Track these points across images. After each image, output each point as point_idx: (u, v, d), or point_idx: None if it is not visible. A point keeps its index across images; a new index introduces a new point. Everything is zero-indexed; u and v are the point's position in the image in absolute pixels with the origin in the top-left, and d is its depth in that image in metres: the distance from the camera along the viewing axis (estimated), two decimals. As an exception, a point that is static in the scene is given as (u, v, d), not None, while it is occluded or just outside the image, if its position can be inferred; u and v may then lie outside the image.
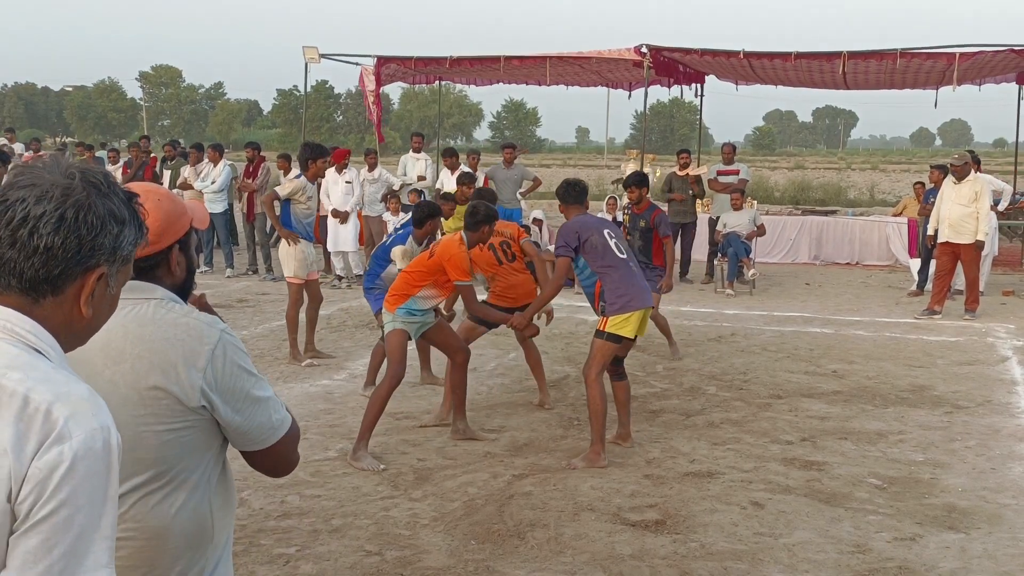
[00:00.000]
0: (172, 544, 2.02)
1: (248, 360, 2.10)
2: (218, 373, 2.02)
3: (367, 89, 16.67)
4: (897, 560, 4.69)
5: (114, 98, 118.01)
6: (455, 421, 6.59)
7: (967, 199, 11.26)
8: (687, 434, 6.72)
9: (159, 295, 2.09)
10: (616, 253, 6.20)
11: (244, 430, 2.07)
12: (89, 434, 1.39)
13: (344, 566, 4.54)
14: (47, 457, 1.36)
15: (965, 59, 13.40)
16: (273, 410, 2.11)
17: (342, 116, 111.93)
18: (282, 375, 8.28)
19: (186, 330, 2.03)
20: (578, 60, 15.66)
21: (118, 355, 2.02)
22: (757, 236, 13.61)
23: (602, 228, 6.29)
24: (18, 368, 1.43)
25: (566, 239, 6.22)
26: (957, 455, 6.36)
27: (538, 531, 4.96)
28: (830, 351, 9.53)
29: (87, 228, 1.50)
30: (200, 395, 2.00)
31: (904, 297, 12.93)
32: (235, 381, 2.04)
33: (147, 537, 2.00)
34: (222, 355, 2.03)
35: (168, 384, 1.99)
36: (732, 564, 4.61)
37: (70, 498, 1.35)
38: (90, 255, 1.51)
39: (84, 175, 1.53)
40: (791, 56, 14.29)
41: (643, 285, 6.29)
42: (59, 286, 1.51)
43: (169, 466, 2.02)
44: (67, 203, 1.49)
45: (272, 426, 2.11)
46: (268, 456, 2.14)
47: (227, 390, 2.03)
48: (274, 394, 2.15)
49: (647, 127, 17.66)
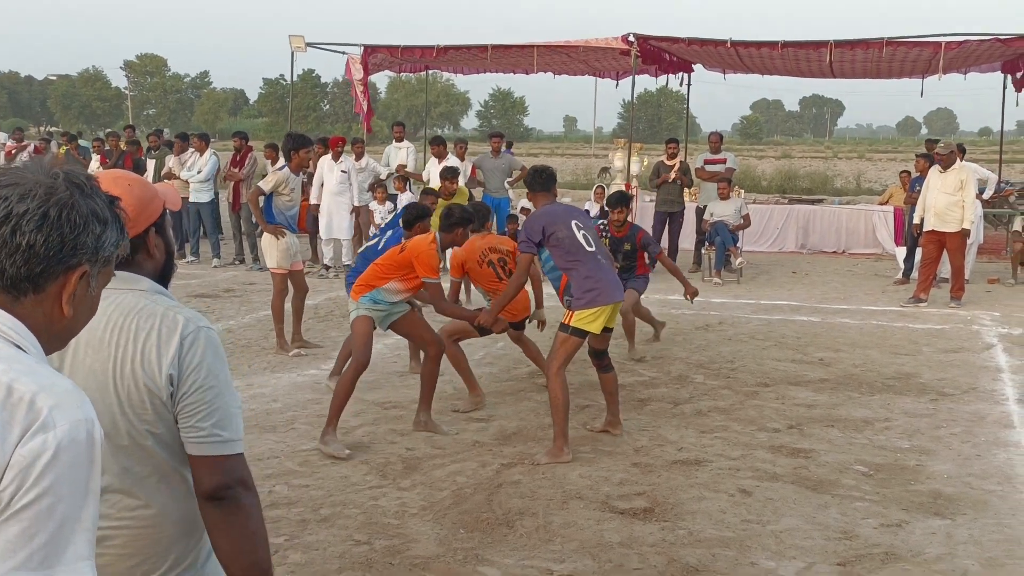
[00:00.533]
0: (166, 533, 2.03)
1: (223, 365, 2.05)
2: (185, 363, 1.99)
3: (355, 79, 16.61)
4: (883, 546, 4.72)
5: (99, 87, 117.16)
6: (419, 412, 6.54)
7: (953, 188, 11.31)
8: (675, 422, 6.75)
9: (144, 286, 2.09)
10: (584, 246, 6.03)
11: (191, 424, 1.99)
12: (73, 424, 1.39)
13: (333, 555, 4.55)
14: (31, 445, 1.35)
15: (951, 48, 13.44)
16: (230, 422, 2.02)
17: (329, 105, 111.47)
18: (269, 365, 8.27)
19: (164, 321, 2.02)
20: (565, 49, 15.63)
21: (99, 344, 2.02)
22: (742, 228, 13.64)
23: (570, 219, 6.12)
24: (1, 360, 1.43)
25: (529, 233, 6.07)
26: (943, 442, 6.40)
27: (527, 519, 4.97)
28: (817, 339, 9.57)
29: (70, 227, 1.50)
30: (167, 384, 1.98)
31: (890, 285, 12.99)
32: (199, 374, 2.00)
33: (141, 526, 2.01)
34: (192, 346, 2.00)
35: (144, 376, 1.99)
36: (720, 551, 4.64)
37: (53, 487, 1.35)
38: (72, 254, 1.51)
39: (67, 175, 1.53)
40: (778, 45, 14.31)
41: (612, 279, 6.16)
42: (40, 284, 1.51)
43: (152, 456, 2.02)
44: (50, 201, 1.49)
45: (222, 435, 2.00)
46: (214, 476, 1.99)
47: (188, 379, 1.99)
48: (239, 419, 2.06)
49: (634, 116, 17.67)
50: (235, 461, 2.02)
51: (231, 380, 2.08)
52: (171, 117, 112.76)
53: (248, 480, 2.04)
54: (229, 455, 2.01)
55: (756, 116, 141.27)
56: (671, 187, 14.30)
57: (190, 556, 2.06)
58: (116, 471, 2.00)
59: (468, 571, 4.40)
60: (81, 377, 2.00)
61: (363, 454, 6.02)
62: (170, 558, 2.04)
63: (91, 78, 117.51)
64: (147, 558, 2.02)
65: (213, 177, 14.57)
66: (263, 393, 7.32)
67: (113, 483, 2.00)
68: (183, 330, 2.01)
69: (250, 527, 2.02)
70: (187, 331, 2.01)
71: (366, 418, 6.78)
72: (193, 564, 2.08)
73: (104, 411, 1.98)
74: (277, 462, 5.86)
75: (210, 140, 15.56)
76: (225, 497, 2.00)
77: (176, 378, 1.99)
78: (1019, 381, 7.99)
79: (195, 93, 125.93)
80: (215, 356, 2.03)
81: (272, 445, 6.15)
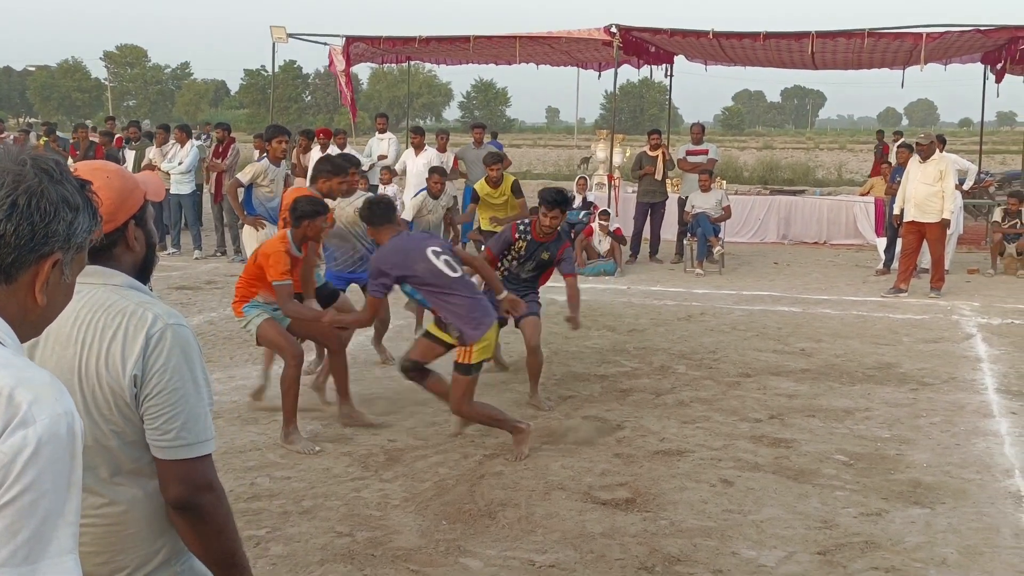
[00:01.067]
0: (132, 529, 2.00)
1: (192, 364, 1.99)
2: (149, 363, 1.94)
3: (337, 69, 16.53)
4: (863, 535, 4.75)
5: (78, 78, 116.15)
6: (340, 405, 6.40)
7: (932, 178, 11.38)
8: (657, 413, 6.76)
9: (118, 281, 2.04)
10: (448, 273, 5.68)
11: (155, 427, 1.95)
12: (53, 419, 1.37)
13: (315, 547, 4.53)
14: (11, 441, 1.33)
15: (932, 39, 13.50)
16: (195, 424, 1.97)
17: (310, 96, 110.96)
18: (251, 357, 8.23)
19: (132, 319, 1.97)
20: (547, 39, 15.62)
21: (66, 340, 1.97)
22: (724, 220, 13.67)
23: (424, 249, 5.72)
24: None
25: (379, 278, 5.67)
26: (922, 431, 6.44)
27: (509, 511, 4.97)
28: (798, 330, 9.61)
29: (40, 215, 1.47)
30: (131, 384, 1.94)
31: (871, 276, 13.05)
32: (164, 376, 1.95)
33: (107, 524, 1.98)
34: (158, 345, 1.95)
35: (108, 376, 1.95)
36: (701, 541, 4.65)
37: (35, 482, 1.33)
38: (44, 242, 1.49)
39: (35, 161, 1.50)
40: (760, 36, 14.34)
41: (484, 298, 5.88)
42: (12, 274, 1.48)
43: (117, 454, 1.98)
44: (19, 189, 1.46)
45: (186, 438, 1.96)
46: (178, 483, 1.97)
47: (152, 381, 1.94)
48: (208, 419, 2.02)
49: (617, 107, 17.66)
50: (200, 464, 1.99)
51: (202, 378, 2.02)
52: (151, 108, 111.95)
53: (213, 481, 2.02)
54: (193, 459, 1.98)
55: (738, 107, 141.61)
56: (653, 178, 14.31)
57: (161, 552, 2.04)
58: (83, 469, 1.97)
59: (450, 562, 4.40)
60: None
61: (345, 446, 6.01)
62: (139, 555, 2.01)
63: (71, 69, 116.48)
64: (115, 555, 1.99)
65: (195, 168, 14.49)
66: (245, 385, 7.28)
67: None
68: (150, 328, 1.96)
69: (216, 527, 2.01)
70: (154, 329, 1.96)
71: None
72: (167, 561, 2.05)
73: None
74: (259, 454, 5.84)
75: (192, 131, 15.46)
76: (190, 507, 1.98)
77: (140, 379, 1.95)
78: (998, 371, 8.05)
79: (176, 84, 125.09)
80: (183, 355, 1.98)
81: (254, 437, 6.13)
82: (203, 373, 2.04)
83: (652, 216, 14.41)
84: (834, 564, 4.44)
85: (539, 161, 39.51)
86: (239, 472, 5.47)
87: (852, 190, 21.08)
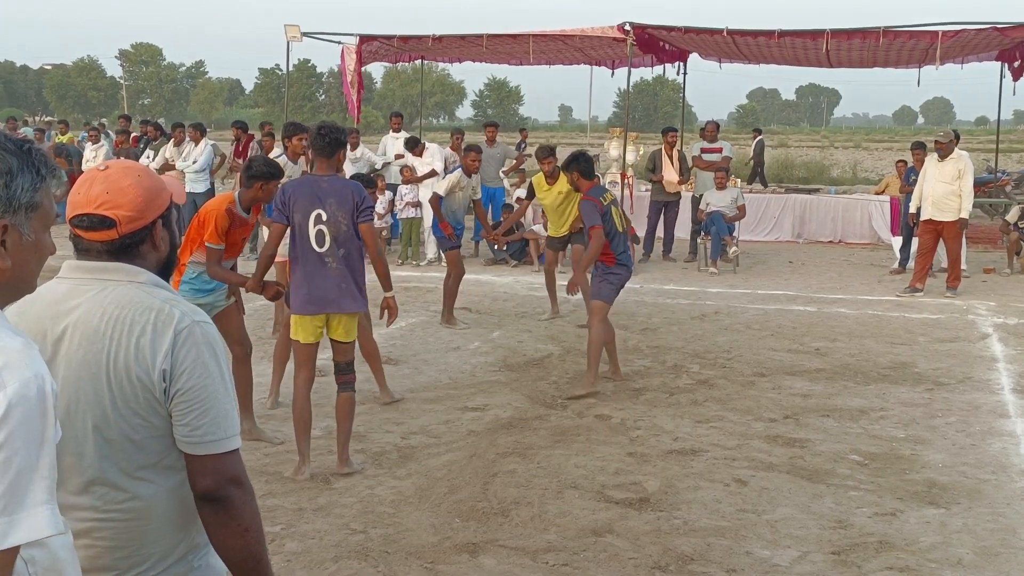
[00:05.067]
0: (154, 524, 2.01)
1: (218, 360, 2.03)
2: (178, 358, 1.97)
3: (347, 68, 16.54)
4: (878, 535, 4.73)
5: (93, 76, 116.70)
6: (242, 421, 5.86)
7: (950, 177, 11.32)
8: (670, 412, 6.75)
9: (143, 279, 2.07)
10: (313, 245, 5.37)
11: (185, 422, 1.98)
12: (23, 382, 1.46)
13: (329, 544, 4.55)
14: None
15: (948, 37, 13.40)
16: (224, 420, 2.01)
17: (324, 95, 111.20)
18: (267, 355, 8.24)
19: (159, 315, 2.00)
20: (560, 38, 15.57)
21: (93, 335, 2.00)
22: (738, 219, 13.63)
23: (314, 208, 5.35)
24: None
25: (277, 201, 5.50)
26: (938, 431, 6.41)
27: (522, 509, 4.97)
28: (813, 329, 9.58)
29: None
30: (161, 379, 1.97)
31: (886, 275, 12.99)
32: (194, 372, 1.98)
33: (128, 518, 2.00)
34: (187, 341, 1.98)
35: (138, 369, 1.97)
36: (715, 540, 4.64)
37: (7, 442, 1.43)
38: None
39: None
40: (775, 34, 14.26)
41: (328, 286, 5.42)
42: None
43: (142, 448, 2.00)
44: None
45: (215, 433, 1.99)
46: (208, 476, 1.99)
47: (182, 377, 1.97)
48: (235, 415, 2.05)
49: (630, 105, 17.64)
50: (229, 458, 2.01)
51: (227, 373, 2.06)
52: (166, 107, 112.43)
53: (241, 476, 2.03)
54: (223, 453, 2.00)
55: (752, 105, 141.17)
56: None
57: (180, 547, 2.05)
58: (104, 463, 1.99)
59: (463, 560, 4.40)
60: (75, 368, 1.98)
61: (359, 443, 6.02)
62: (159, 550, 2.03)
63: (86, 67, 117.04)
64: (136, 549, 2.01)
65: (209, 167, 14.55)
66: (261, 383, 7.29)
67: (100, 475, 1.98)
68: (178, 324, 1.99)
69: (243, 523, 2.01)
70: (181, 326, 1.99)
71: (361, 408, 6.77)
72: (185, 556, 2.06)
73: (96, 404, 1.98)
74: (274, 451, 5.85)
75: (206, 130, 15.52)
76: (218, 497, 1.99)
77: (169, 373, 1.97)
78: (1014, 371, 8.00)
79: (190, 83, 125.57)
80: (210, 351, 2.01)
81: (269, 434, 6.14)
82: (228, 370, 2.07)
83: (666, 214, 14.37)
84: (848, 564, 4.43)
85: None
86: (254, 469, 5.48)
87: (867, 189, 20.97)
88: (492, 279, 12.00)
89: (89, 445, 1.98)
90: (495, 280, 11.51)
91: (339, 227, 5.40)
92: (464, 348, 8.61)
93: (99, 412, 1.98)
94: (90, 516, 1.97)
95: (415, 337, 9.01)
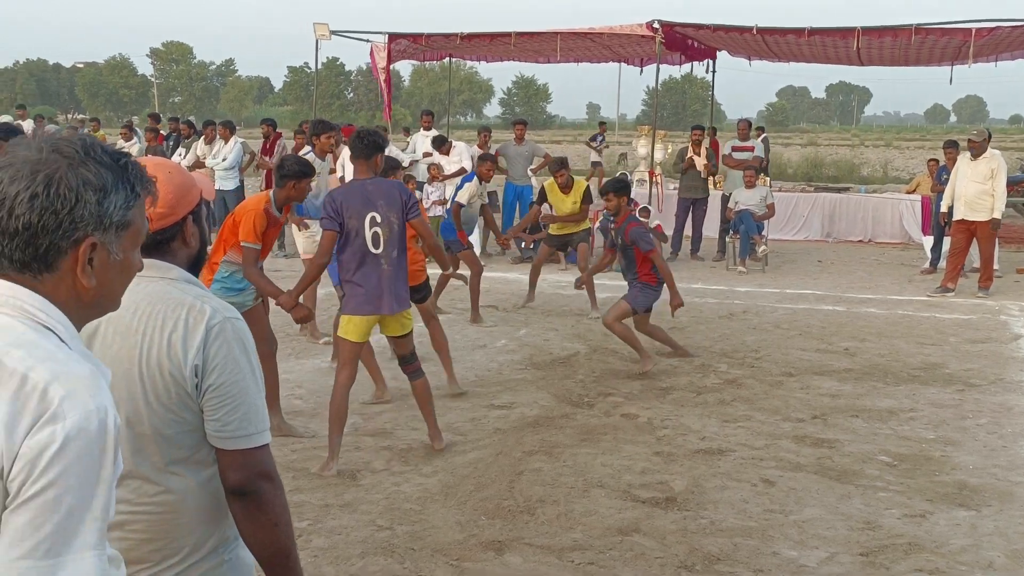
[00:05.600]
0: (186, 518, 2.03)
1: (251, 356, 2.04)
2: (210, 354, 1.99)
3: (378, 66, 16.61)
4: (907, 537, 4.68)
5: (125, 75, 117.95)
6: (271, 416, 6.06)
7: (983, 176, 11.19)
8: (698, 411, 6.72)
9: (174, 275, 2.09)
10: (370, 247, 5.46)
11: (217, 418, 1.99)
12: (84, 415, 1.37)
13: (355, 540, 4.57)
14: (39, 436, 1.35)
15: (981, 35, 13.26)
16: (256, 415, 2.02)
17: (353, 93, 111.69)
18: (294, 351, 8.31)
19: (191, 311, 2.01)
20: (589, 35, 15.56)
21: (126, 331, 2.02)
22: (767, 218, 13.55)
23: (367, 211, 5.45)
24: (21, 346, 1.42)
25: (328, 210, 5.48)
26: (969, 433, 6.34)
27: (548, 507, 4.97)
28: (842, 329, 9.50)
29: (61, 202, 1.45)
30: (192, 374, 1.98)
31: (917, 275, 12.87)
32: (225, 367, 1.99)
33: (160, 512, 2.02)
34: (218, 337, 2.00)
35: (170, 365, 1.99)
36: (742, 540, 4.62)
37: (59, 478, 1.34)
38: (72, 228, 1.47)
39: (55, 147, 1.49)
40: (805, 32, 14.17)
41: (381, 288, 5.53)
42: (50, 262, 1.48)
43: (174, 443, 2.02)
44: (37, 179, 1.45)
45: (246, 428, 2.00)
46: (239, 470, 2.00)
47: (214, 372, 1.99)
48: (265, 411, 2.06)
49: (658, 103, 17.58)
50: (260, 454, 2.02)
51: (257, 369, 2.07)
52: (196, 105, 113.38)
53: (272, 471, 2.04)
54: (253, 448, 2.01)
55: (782, 103, 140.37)
56: (695, 173, 14.21)
57: (212, 540, 2.07)
58: (137, 458, 2.00)
59: (489, 557, 4.41)
60: (108, 364, 1.99)
61: (385, 440, 6.05)
62: (190, 542, 2.04)
63: (117, 65, 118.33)
64: (168, 542, 2.02)
65: (238, 164, 14.64)
66: (288, 379, 7.35)
67: (133, 469, 2.00)
68: (209, 320, 2.00)
69: (273, 517, 2.02)
70: (213, 322, 2.01)
71: (387, 406, 6.80)
72: (216, 549, 2.08)
73: (128, 398, 1.99)
74: (301, 447, 5.89)
75: (235, 128, 15.64)
76: (248, 492, 2.01)
77: (201, 369, 1.98)
78: (1047, 372, 7.90)
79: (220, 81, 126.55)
80: (241, 348, 2.03)
81: (299, 430, 6.18)
82: (258, 365, 2.08)
83: (694, 213, 14.31)
84: (876, 566, 4.39)
85: (580, 157, 39.42)
86: (281, 465, 5.51)
87: (898, 188, 20.78)
88: (519, 277, 11.98)
89: (122, 440, 2.00)
90: (522, 279, 11.49)
91: (392, 227, 5.52)
92: (491, 346, 8.62)
93: (132, 407, 1.99)
94: (123, 509, 1.99)
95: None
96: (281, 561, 2.04)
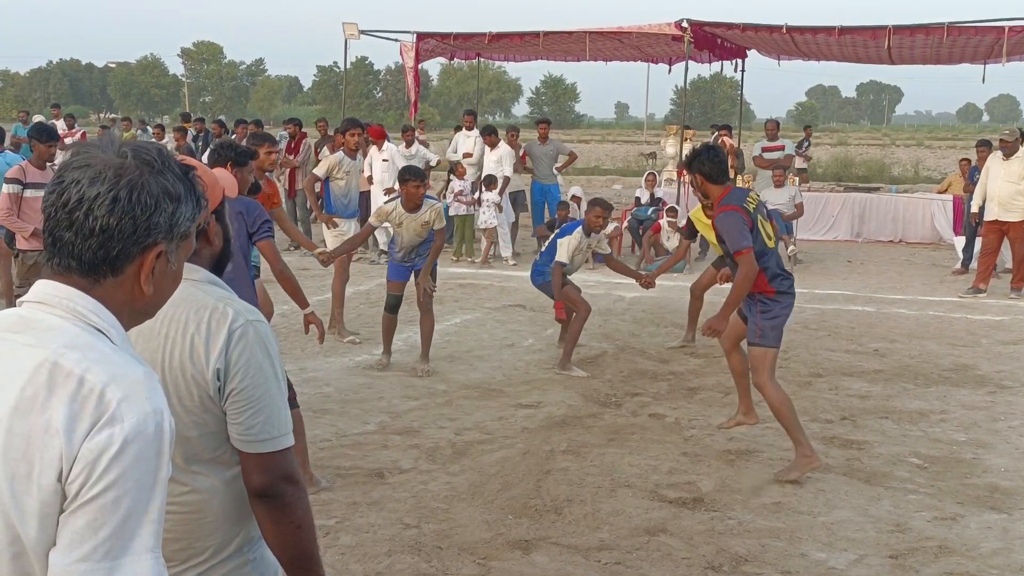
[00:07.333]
0: (210, 517, 2.04)
1: (273, 360, 2.04)
2: (232, 357, 1.99)
3: (407, 65, 16.67)
4: (937, 539, 4.65)
5: (156, 75, 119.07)
6: None
7: (1017, 176, 11.07)
8: (726, 412, 6.69)
9: (198, 276, 2.09)
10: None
11: (239, 421, 2.00)
12: (141, 417, 1.39)
13: (383, 538, 4.59)
14: (98, 439, 1.36)
15: (1015, 33, 13.10)
16: (278, 419, 2.02)
17: (381, 92, 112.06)
18: (322, 350, 8.34)
19: (214, 314, 2.02)
20: (617, 35, 15.52)
21: (149, 333, 2.01)
22: (796, 217, 13.46)
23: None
24: (77, 348, 1.43)
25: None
26: (1000, 435, 6.28)
27: (575, 507, 4.97)
28: (872, 329, 9.43)
29: (141, 208, 1.48)
30: (215, 378, 1.98)
31: (948, 275, 12.74)
32: (248, 371, 1.99)
33: (185, 511, 2.02)
34: (240, 340, 1.99)
35: (193, 368, 1.99)
36: (770, 542, 4.60)
37: (118, 480, 1.36)
38: (146, 234, 1.50)
39: (136, 153, 1.51)
40: (835, 31, 14.06)
41: None
42: (118, 266, 1.50)
43: (196, 446, 2.02)
44: (120, 183, 1.47)
45: (269, 432, 2.00)
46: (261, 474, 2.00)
47: (236, 376, 1.99)
48: (288, 414, 2.06)
49: (687, 103, 17.52)
50: (282, 457, 2.03)
51: (280, 372, 2.07)
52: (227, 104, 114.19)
53: (295, 474, 2.05)
54: (276, 451, 2.02)
55: (812, 102, 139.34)
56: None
57: (237, 540, 2.08)
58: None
59: (516, 556, 4.42)
60: None
61: (412, 438, 6.07)
62: (215, 542, 2.05)
63: (149, 65, 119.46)
64: (193, 542, 2.03)
65: (264, 163, 14.74)
66: (316, 377, 7.40)
67: None
68: (232, 323, 2.00)
69: (296, 520, 2.03)
70: (236, 325, 2.00)
71: (414, 403, 6.83)
72: (240, 548, 2.09)
73: None
74: (328, 445, 5.92)
75: (263, 127, 15.76)
76: (271, 495, 2.01)
77: (223, 372, 1.98)
78: (1081, 374, 7.80)
79: (250, 80, 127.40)
80: (263, 351, 2.02)
81: (323, 429, 6.22)
82: (281, 368, 2.08)
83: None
84: (906, 568, 4.36)
85: (608, 157, 39.36)
86: (309, 463, 5.54)
87: (929, 188, 20.58)
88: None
89: None
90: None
91: None
92: (518, 345, 8.63)
93: None
94: None
95: (469, 333, 9.05)
96: (304, 564, 2.05)
